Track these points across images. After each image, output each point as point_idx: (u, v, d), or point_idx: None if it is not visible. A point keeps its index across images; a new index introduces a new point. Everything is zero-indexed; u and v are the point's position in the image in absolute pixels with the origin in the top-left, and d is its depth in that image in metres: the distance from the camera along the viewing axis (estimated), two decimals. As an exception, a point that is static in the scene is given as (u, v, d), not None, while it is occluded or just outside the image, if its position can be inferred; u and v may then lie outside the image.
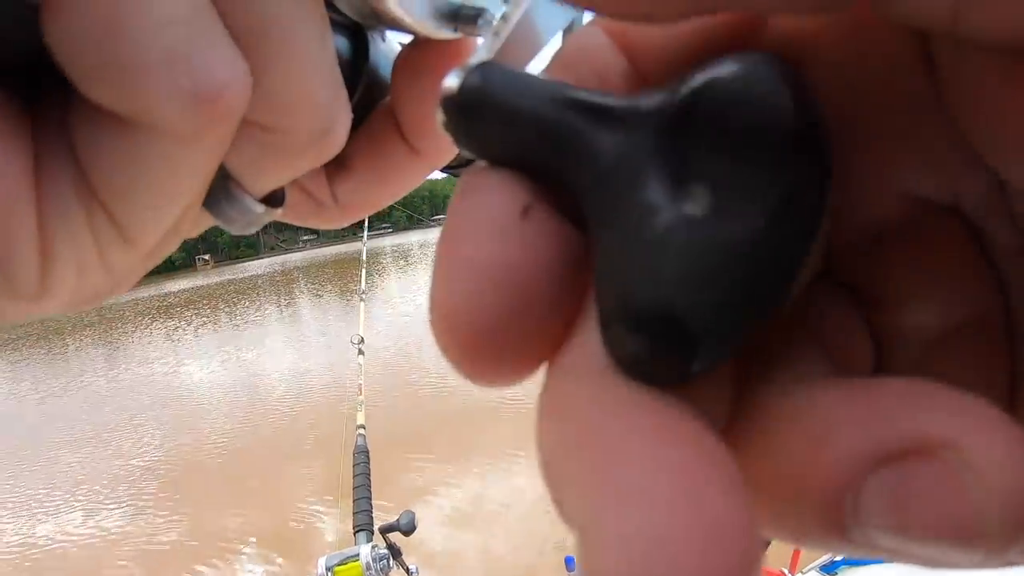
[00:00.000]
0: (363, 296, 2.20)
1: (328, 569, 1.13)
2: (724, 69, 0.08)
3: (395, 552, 1.17)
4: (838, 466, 0.07)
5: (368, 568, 1.11)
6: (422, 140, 0.17)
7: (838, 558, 1.58)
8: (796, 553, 1.50)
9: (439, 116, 0.10)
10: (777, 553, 1.44)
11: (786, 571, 1.46)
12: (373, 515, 1.24)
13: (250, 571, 3.10)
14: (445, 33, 0.16)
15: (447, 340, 0.08)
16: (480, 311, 0.08)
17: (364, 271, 2.34)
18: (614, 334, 0.08)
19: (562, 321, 0.09)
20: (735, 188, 0.08)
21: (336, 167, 0.17)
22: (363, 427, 1.56)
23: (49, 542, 3.92)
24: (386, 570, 1.14)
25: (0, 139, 0.10)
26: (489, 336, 0.08)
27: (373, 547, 1.15)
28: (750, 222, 0.08)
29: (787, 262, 0.08)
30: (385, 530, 1.20)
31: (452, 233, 0.09)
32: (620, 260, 0.08)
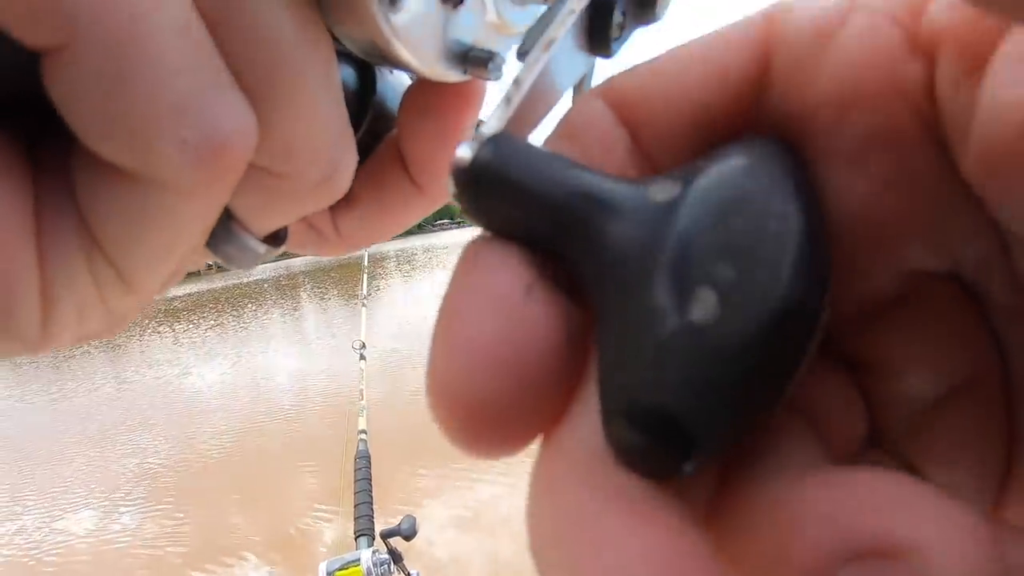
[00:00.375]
0: (364, 301, 2.20)
1: (329, 574, 1.13)
2: (729, 168, 0.09)
3: (396, 557, 1.17)
4: (811, 559, 0.07)
5: (369, 573, 1.11)
6: (427, 178, 0.16)
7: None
8: None
9: (449, 186, 0.10)
10: None
11: None
12: (374, 520, 1.25)
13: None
14: (454, 75, 0.15)
15: (445, 417, 0.08)
16: (479, 392, 0.08)
17: (365, 276, 2.35)
18: (614, 427, 0.08)
19: (562, 397, 0.09)
20: (739, 293, 0.08)
21: (339, 199, 0.17)
22: (364, 432, 1.57)
23: (44, 548, 3.92)
24: (387, 575, 1.14)
25: (0, 184, 0.10)
26: (488, 416, 0.08)
27: (374, 552, 1.15)
28: (752, 330, 0.08)
29: (787, 367, 0.08)
30: (386, 535, 1.20)
31: (454, 309, 0.09)
32: (625, 358, 0.08)
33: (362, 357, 1.91)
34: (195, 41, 0.10)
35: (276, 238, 0.15)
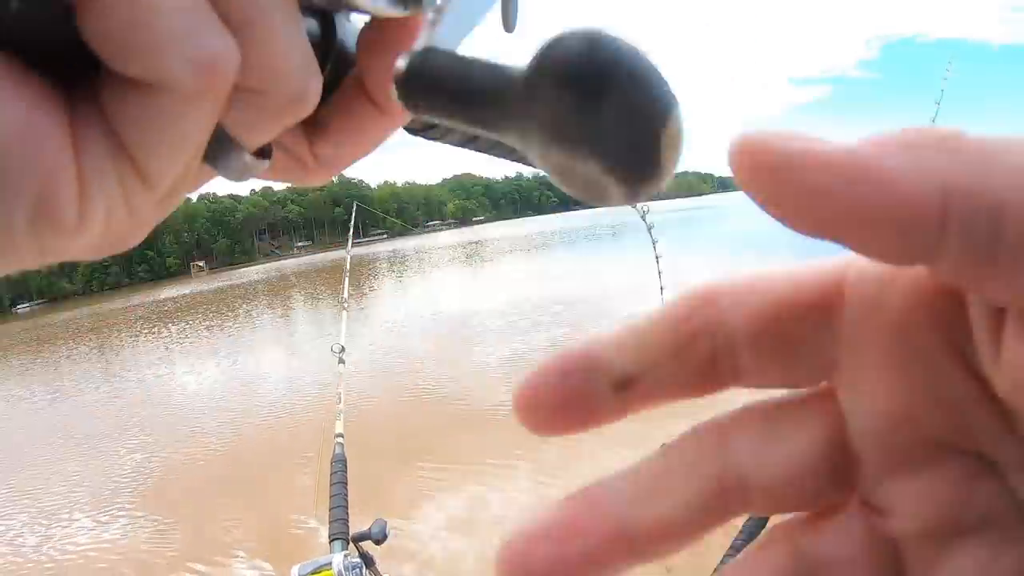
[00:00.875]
0: (346, 304, 2.19)
1: (302, 578, 1.12)
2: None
3: (368, 560, 1.17)
4: None
5: (340, 576, 1.11)
6: (386, 100, 0.20)
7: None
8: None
9: (393, 91, 0.14)
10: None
11: None
12: (349, 524, 1.24)
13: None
14: (397, 12, 0.18)
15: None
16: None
17: (347, 279, 2.33)
18: None
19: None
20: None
21: (314, 130, 0.20)
22: (341, 436, 1.56)
23: (39, 550, 3.89)
24: (359, 579, 1.14)
25: (43, 108, 0.14)
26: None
27: (345, 556, 1.14)
28: None
29: None
30: (357, 539, 1.19)
31: None
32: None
33: (341, 360, 1.90)
34: None
35: (263, 152, 0.18)
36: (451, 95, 0.14)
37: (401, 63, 0.14)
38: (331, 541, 1.22)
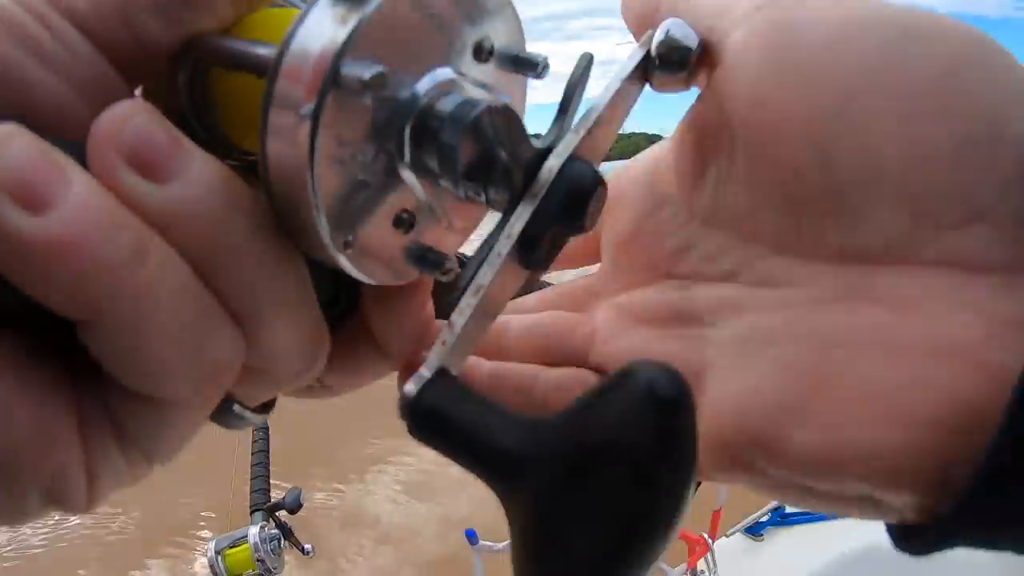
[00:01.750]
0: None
1: (218, 552, 1.06)
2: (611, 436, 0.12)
3: (286, 531, 1.12)
4: None
5: (257, 549, 1.06)
6: (392, 350, 0.19)
7: (764, 519, 1.57)
8: (715, 516, 1.48)
9: (399, 412, 0.14)
10: (697, 518, 1.42)
11: (706, 535, 1.42)
12: (270, 493, 1.19)
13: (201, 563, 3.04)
14: (412, 275, 0.17)
15: None
16: None
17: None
18: None
19: None
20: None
21: None
22: (265, 403, 1.49)
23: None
24: (277, 551, 1.09)
25: (52, 403, 0.13)
26: None
27: (261, 527, 1.09)
28: None
29: None
30: (272, 509, 1.14)
31: None
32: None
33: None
34: (192, 298, 0.13)
35: (266, 406, 0.18)
36: (456, 447, 0.13)
37: (410, 389, 0.14)
38: (252, 512, 1.17)
